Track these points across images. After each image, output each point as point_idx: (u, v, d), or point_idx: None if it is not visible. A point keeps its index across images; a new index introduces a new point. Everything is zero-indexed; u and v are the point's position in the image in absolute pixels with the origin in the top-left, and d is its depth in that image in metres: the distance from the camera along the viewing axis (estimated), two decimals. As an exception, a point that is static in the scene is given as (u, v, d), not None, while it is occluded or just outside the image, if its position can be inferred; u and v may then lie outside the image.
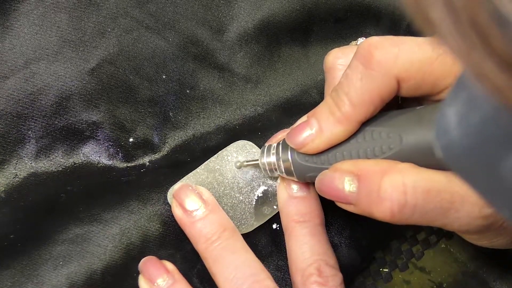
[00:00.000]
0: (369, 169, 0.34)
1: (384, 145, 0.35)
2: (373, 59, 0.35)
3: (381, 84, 0.35)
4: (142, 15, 0.46)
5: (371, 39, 0.36)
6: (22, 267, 0.39)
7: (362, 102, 0.35)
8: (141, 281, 0.39)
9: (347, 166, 0.36)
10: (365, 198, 0.34)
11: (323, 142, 0.36)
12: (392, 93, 0.36)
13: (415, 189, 0.33)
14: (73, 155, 0.44)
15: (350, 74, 0.36)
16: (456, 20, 0.16)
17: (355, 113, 0.35)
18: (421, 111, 0.35)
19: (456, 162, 0.23)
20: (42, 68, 0.44)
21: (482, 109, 0.20)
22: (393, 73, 0.35)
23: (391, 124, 0.35)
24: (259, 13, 0.48)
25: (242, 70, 0.49)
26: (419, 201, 0.33)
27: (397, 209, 0.33)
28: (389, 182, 0.33)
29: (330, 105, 0.36)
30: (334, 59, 0.40)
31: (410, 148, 0.34)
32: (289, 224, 0.41)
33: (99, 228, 0.41)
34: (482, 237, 0.36)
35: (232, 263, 0.39)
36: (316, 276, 0.38)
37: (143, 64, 0.46)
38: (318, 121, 0.36)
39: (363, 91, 0.35)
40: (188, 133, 0.47)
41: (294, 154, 0.38)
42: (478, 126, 0.20)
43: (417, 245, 0.47)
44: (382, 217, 0.34)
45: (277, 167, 0.40)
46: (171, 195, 0.42)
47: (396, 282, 0.46)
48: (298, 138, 0.37)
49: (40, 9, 0.44)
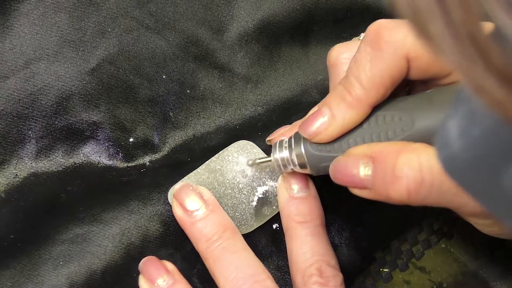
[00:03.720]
0: (383, 150, 0.34)
1: (397, 128, 0.35)
2: (382, 40, 0.34)
3: (391, 64, 0.35)
4: (142, 15, 0.46)
5: (379, 21, 0.35)
6: (22, 267, 0.39)
7: (373, 85, 0.35)
8: (141, 281, 0.39)
9: (361, 150, 0.35)
10: (381, 180, 0.34)
11: (336, 129, 0.36)
12: (403, 74, 0.35)
13: (431, 168, 0.32)
14: (73, 155, 0.44)
15: (359, 57, 0.35)
16: (455, 35, 0.16)
17: (366, 96, 0.35)
18: (432, 94, 0.35)
19: (457, 174, 0.23)
20: (42, 68, 0.44)
21: (483, 122, 0.20)
22: (403, 53, 0.34)
23: (402, 107, 0.35)
24: (259, 13, 0.48)
25: (242, 70, 0.49)
26: (436, 180, 0.32)
27: (413, 188, 0.32)
28: (404, 160, 0.33)
29: (341, 91, 0.36)
30: (338, 54, 0.40)
31: (422, 130, 0.34)
32: (290, 225, 0.41)
33: (99, 228, 0.41)
34: (495, 223, 0.35)
35: (232, 263, 0.39)
36: (317, 277, 0.38)
37: (143, 64, 0.46)
38: (330, 108, 0.36)
39: (373, 73, 0.35)
40: (188, 133, 0.47)
41: (307, 145, 0.38)
42: (479, 139, 0.20)
43: (417, 245, 0.47)
44: (399, 198, 0.33)
45: (291, 161, 0.39)
46: (171, 195, 0.42)
47: (396, 282, 0.46)
48: (311, 127, 0.36)
49: (40, 9, 0.44)
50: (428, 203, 0.33)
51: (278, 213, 0.43)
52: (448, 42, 0.16)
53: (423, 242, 0.47)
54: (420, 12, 0.17)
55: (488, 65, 0.16)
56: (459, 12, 0.16)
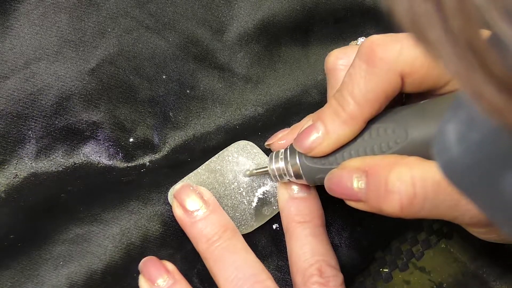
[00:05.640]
0: (376, 164, 0.34)
1: (391, 141, 0.35)
2: (376, 57, 0.35)
3: (385, 81, 0.35)
4: (142, 15, 0.46)
5: (372, 37, 0.36)
6: (22, 267, 0.39)
7: (367, 101, 0.35)
8: (141, 281, 0.39)
9: (355, 163, 0.35)
10: (374, 194, 0.34)
11: (330, 144, 0.36)
12: (397, 89, 0.35)
13: (424, 182, 0.32)
14: (73, 155, 0.44)
15: (353, 73, 0.35)
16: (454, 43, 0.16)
17: (360, 112, 0.35)
18: (425, 105, 0.35)
19: (456, 179, 0.23)
20: (42, 68, 0.44)
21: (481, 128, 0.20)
22: (397, 69, 0.35)
23: (396, 120, 0.35)
24: (259, 13, 0.48)
25: (242, 70, 0.49)
26: (429, 194, 0.32)
27: (406, 202, 0.32)
28: (396, 174, 0.33)
29: (335, 106, 0.36)
30: (335, 60, 0.40)
31: (416, 142, 0.34)
32: (290, 225, 0.41)
33: (99, 228, 0.41)
34: (492, 230, 0.35)
35: (232, 264, 0.39)
36: (317, 277, 0.38)
37: (143, 64, 0.46)
38: (324, 123, 0.36)
39: (367, 89, 0.35)
40: (188, 133, 0.47)
41: (302, 158, 0.38)
42: (477, 144, 0.20)
43: (417, 245, 0.47)
44: (391, 211, 0.33)
45: (286, 172, 0.40)
46: (171, 195, 0.42)
47: (396, 282, 0.46)
48: (305, 142, 0.37)
49: (40, 9, 0.44)
50: (422, 216, 0.33)
51: (278, 213, 0.43)
52: (447, 49, 0.16)
53: (423, 242, 0.47)
54: (419, 19, 0.17)
55: (487, 72, 0.16)
56: (458, 19, 0.16)
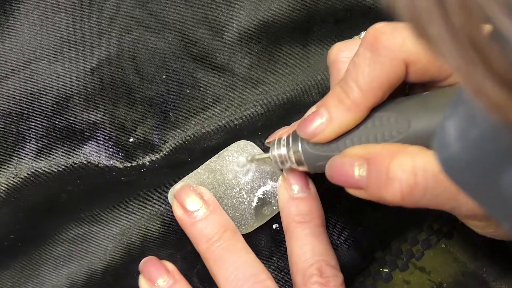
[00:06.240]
0: (378, 152, 0.34)
1: (393, 130, 0.35)
2: (380, 44, 0.35)
3: (389, 69, 0.35)
4: (142, 15, 0.46)
5: (377, 25, 0.36)
6: (22, 267, 0.39)
7: (371, 88, 0.35)
8: (142, 281, 0.39)
9: (357, 150, 0.35)
10: (375, 181, 0.34)
11: (334, 131, 0.36)
12: (400, 77, 0.35)
13: (425, 171, 0.32)
14: (73, 155, 0.44)
15: (358, 61, 0.35)
16: (455, 38, 0.16)
17: (364, 99, 0.35)
18: (428, 96, 0.35)
19: (456, 175, 0.23)
20: (42, 68, 0.44)
21: (482, 124, 0.20)
22: (401, 57, 0.35)
23: (399, 109, 0.35)
24: (259, 13, 0.49)
25: (242, 70, 0.49)
26: (430, 183, 0.32)
27: (406, 191, 0.32)
28: (398, 163, 0.33)
29: (339, 93, 0.36)
30: (338, 52, 0.40)
31: (418, 133, 0.34)
32: (290, 225, 0.41)
33: (99, 228, 0.41)
34: (489, 225, 0.35)
35: (233, 264, 0.39)
36: (317, 277, 0.38)
37: (143, 64, 0.46)
38: (328, 110, 0.36)
39: (371, 76, 0.35)
40: (188, 133, 0.47)
41: (304, 144, 0.38)
42: (477, 141, 0.20)
43: (417, 245, 0.47)
44: (392, 199, 0.33)
45: (288, 158, 0.39)
46: (172, 195, 0.42)
47: (396, 282, 0.46)
48: (308, 128, 0.37)
49: (40, 9, 0.44)
50: (422, 205, 0.33)
51: (278, 213, 0.43)
52: (448, 44, 0.16)
53: (423, 242, 0.47)
54: (420, 14, 0.17)
55: (488, 68, 0.16)
56: (459, 15, 0.16)
